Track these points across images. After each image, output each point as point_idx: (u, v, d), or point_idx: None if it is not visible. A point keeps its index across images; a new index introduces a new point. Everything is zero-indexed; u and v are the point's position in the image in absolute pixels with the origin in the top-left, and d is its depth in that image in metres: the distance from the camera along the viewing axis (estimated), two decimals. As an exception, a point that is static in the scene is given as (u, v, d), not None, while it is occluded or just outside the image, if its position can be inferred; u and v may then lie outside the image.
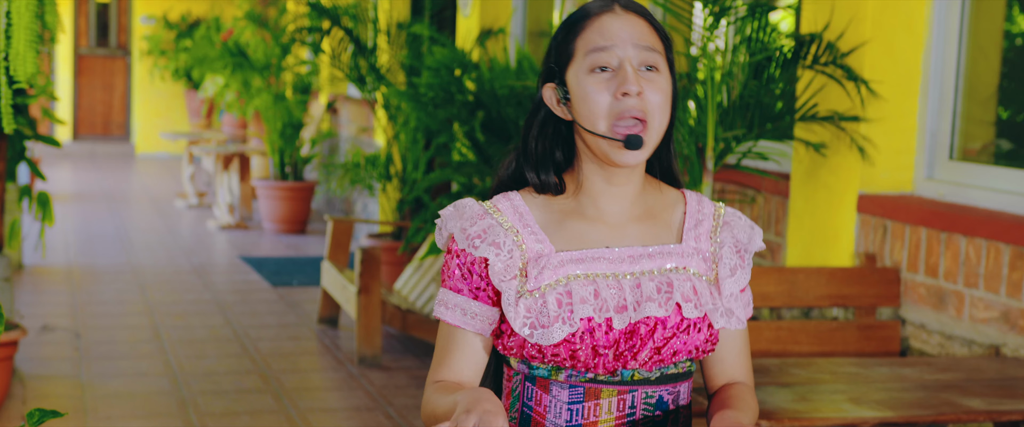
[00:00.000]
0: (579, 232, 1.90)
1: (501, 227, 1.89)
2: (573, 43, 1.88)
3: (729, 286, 1.92)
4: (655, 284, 1.86)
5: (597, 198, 1.91)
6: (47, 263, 8.25)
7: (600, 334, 1.83)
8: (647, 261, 1.89)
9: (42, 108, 5.83)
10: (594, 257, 1.88)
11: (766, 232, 4.71)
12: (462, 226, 1.90)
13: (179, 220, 10.62)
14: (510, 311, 1.84)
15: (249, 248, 9.26)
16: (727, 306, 1.92)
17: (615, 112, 1.84)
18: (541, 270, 1.86)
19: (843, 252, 4.19)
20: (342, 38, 7.46)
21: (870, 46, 4.11)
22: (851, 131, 4.15)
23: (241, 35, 10.62)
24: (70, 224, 10.05)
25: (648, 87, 1.84)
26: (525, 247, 1.88)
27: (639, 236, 1.91)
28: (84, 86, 16.24)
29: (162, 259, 8.70)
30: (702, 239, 1.93)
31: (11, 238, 5.73)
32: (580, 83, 1.86)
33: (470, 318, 1.91)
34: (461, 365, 1.92)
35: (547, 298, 1.84)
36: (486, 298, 1.90)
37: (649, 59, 1.86)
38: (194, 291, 7.59)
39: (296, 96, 10.14)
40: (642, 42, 1.86)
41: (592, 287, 1.85)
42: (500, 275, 1.86)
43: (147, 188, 12.93)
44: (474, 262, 1.89)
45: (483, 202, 1.93)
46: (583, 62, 1.86)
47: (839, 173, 4.23)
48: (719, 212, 1.97)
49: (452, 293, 1.92)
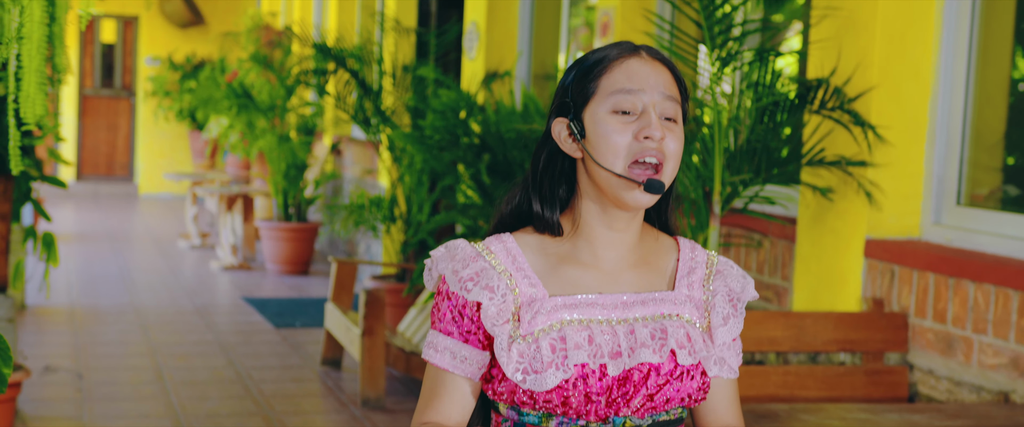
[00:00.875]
0: (573, 278, 1.88)
1: (494, 270, 1.86)
2: (596, 82, 1.87)
3: (722, 335, 1.91)
4: (649, 330, 1.85)
5: (594, 243, 1.90)
6: (50, 304, 8.24)
7: (594, 380, 1.81)
8: (640, 307, 1.87)
9: (48, 149, 5.84)
10: (588, 303, 1.86)
11: (772, 276, 4.70)
12: (454, 268, 1.88)
13: (182, 261, 10.61)
14: (503, 356, 1.82)
15: (252, 289, 9.24)
16: (720, 354, 1.92)
17: (633, 153, 1.83)
18: (535, 315, 1.83)
19: (850, 297, 4.18)
20: (347, 80, 7.48)
21: (877, 91, 4.12)
22: (858, 176, 4.15)
23: (246, 76, 10.66)
24: (73, 264, 10.04)
25: (668, 135, 1.85)
26: (518, 291, 1.86)
27: (632, 282, 1.90)
28: (88, 126, 16.28)
29: (165, 300, 8.68)
30: (695, 287, 1.93)
31: (15, 279, 5.72)
32: (599, 122, 1.85)
33: (460, 362, 1.88)
34: (449, 409, 1.89)
35: (541, 343, 1.81)
36: (477, 342, 1.87)
37: (670, 110, 1.86)
38: (197, 332, 7.57)
39: (300, 137, 10.16)
40: (667, 91, 1.86)
41: (586, 333, 1.83)
42: (493, 319, 1.84)
43: (150, 228, 12.93)
44: (466, 305, 1.87)
45: (475, 244, 1.91)
46: (606, 102, 1.85)
47: (846, 218, 4.23)
48: (712, 260, 1.97)
49: (442, 336, 1.89)
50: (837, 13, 4.25)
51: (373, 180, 9.61)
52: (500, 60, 7.35)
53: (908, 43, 4.12)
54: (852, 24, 4.20)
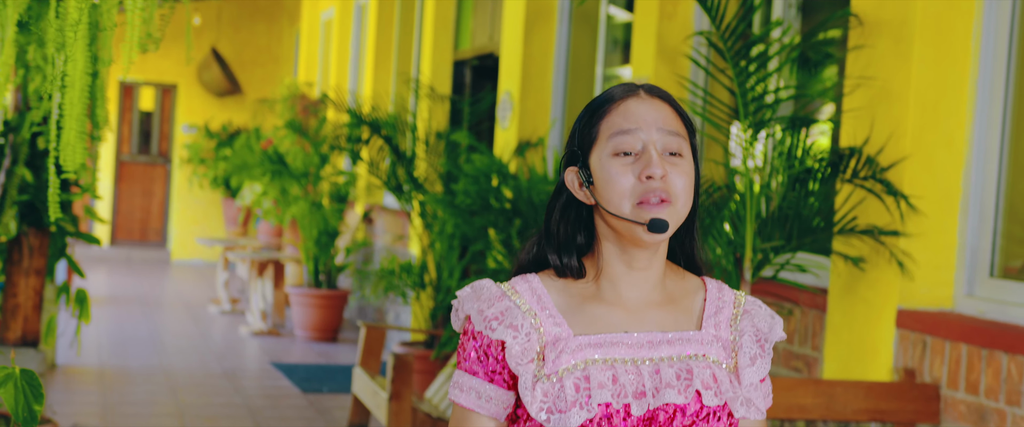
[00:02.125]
0: (598, 316, 1.88)
1: (519, 309, 1.87)
2: (597, 126, 1.89)
3: (749, 375, 1.90)
4: (674, 371, 1.84)
5: (617, 282, 1.90)
6: (80, 363, 8.27)
7: (618, 420, 1.81)
8: (666, 347, 1.87)
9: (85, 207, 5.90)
10: (612, 341, 1.86)
11: (802, 346, 4.67)
12: (479, 308, 1.89)
13: (212, 325, 10.64)
14: (527, 395, 1.82)
15: (281, 354, 9.25)
16: (747, 395, 1.90)
17: (638, 193, 1.84)
18: (559, 354, 1.84)
19: (882, 367, 4.15)
20: (381, 147, 7.54)
21: (910, 161, 4.12)
22: (890, 246, 4.14)
23: (281, 143, 10.75)
24: (104, 326, 10.08)
25: (672, 171, 1.85)
26: (543, 330, 1.86)
27: (658, 322, 1.89)
28: (124, 192, 16.43)
29: (194, 363, 8.70)
30: (722, 327, 1.92)
31: (47, 334, 5.76)
32: (603, 166, 1.86)
33: (485, 401, 1.88)
34: None
35: (565, 382, 1.81)
36: (502, 381, 1.88)
37: (673, 144, 1.86)
38: (224, 395, 7.58)
39: (333, 205, 10.22)
40: (666, 127, 1.87)
41: (610, 372, 1.83)
42: (517, 358, 1.84)
43: (181, 293, 12.99)
44: (491, 344, 1.87)
45: (501, 284, 1.91)
46: (607, 145, 1.87)
47: (878, 288, 4.21)
48: (739, 300, 1.97)
49: (467, 375, 1.89)
50: (871, 83, 4.26)
51: (404, 248, 9.64)
52: (533, 129, 7.40)
53: (942, 113, 4.13)
54: (886, 94, 4.21)
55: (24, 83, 5.01)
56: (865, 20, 4.32)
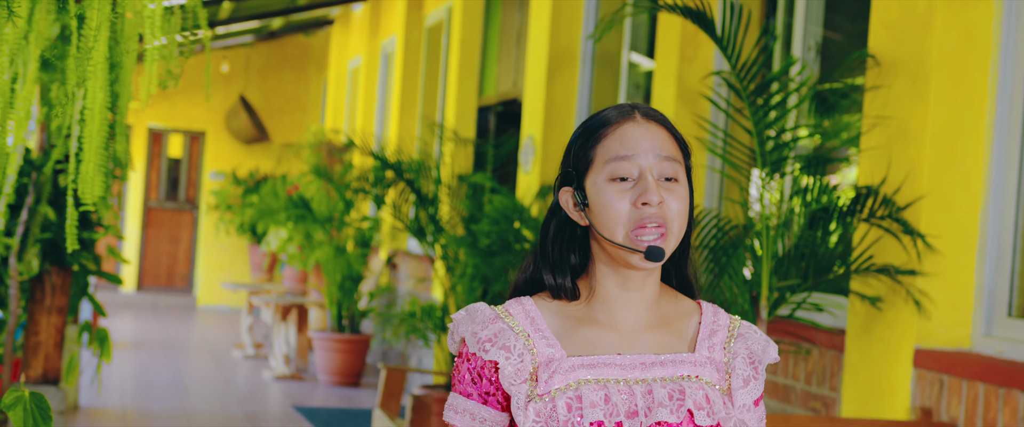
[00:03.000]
0: (591, 339, 1.88)
1: (512, 331, 1.87)
2: (593, 150, 1.89)
3: (742, 397, 1.90)
4: (667, 391, 1.84)
5: (611, 304, 1.90)
6: (103, 405, 8.29)
7: None
8: (659, 368, 1.87)
9: (108, 247, 5.94)
10: (605, 363, 1.86)
11: (820, 387, 4.65)
12: (473, 330, 1.89)
13: (235, 369, 10.66)
14: (519, 415, 1.83)
15: (303, 398, 9.25)
16: (740, 417, 1.90)
17: (634, 220, 1.84)
18: (552, 374, 1.84)
19: (899, 407, 4.12)
20: (403, 190, 7.57)
21: (927, 201, 4.12)
22: (907, 285, 4.12)
23: (306, 189, 10.82)
24: (128, 369, 10.12)
25: (668, 197, 1.85)
26: (536, 351, 1.86)
27: (652, 344, 1.90)
28: (151, 238, 16.53)
29: (215, 406, 8.71)
30: (716, 349, 1.92)
31: (68, 373, 5.78)
32: (599, 191, 1.87)
33: (478, 423, 1.88)
34: None
35: (557, 402, 1.82)
36: (495, 403, 1.88)
37: (669, 170, 1.87)
38: (245, 437, 7.58)
39: (357, 250, 10.25)
40: (663, 152, 1.87)
41: (603, 392, 1.83)
42: (510, 379, 1.84)
43: (206, 338, 13.03)
44: (484, 366, 1.88)
45: (495, 307, 1.92)
46: (603, 170, 1.87)
47: (895, 328, 4.19)
48: (734, 324, 1.96)
49: (462, 398, 1.90)
50: (888, 122, 4.27)
51: (427, 292, 9.65)
52: (555, 173, 7.41)
53: (958, 152, 4.12)
54: (902, 133, 4.21)
55: (47, 121, 5.07)
56: (882, 60, 4.33)
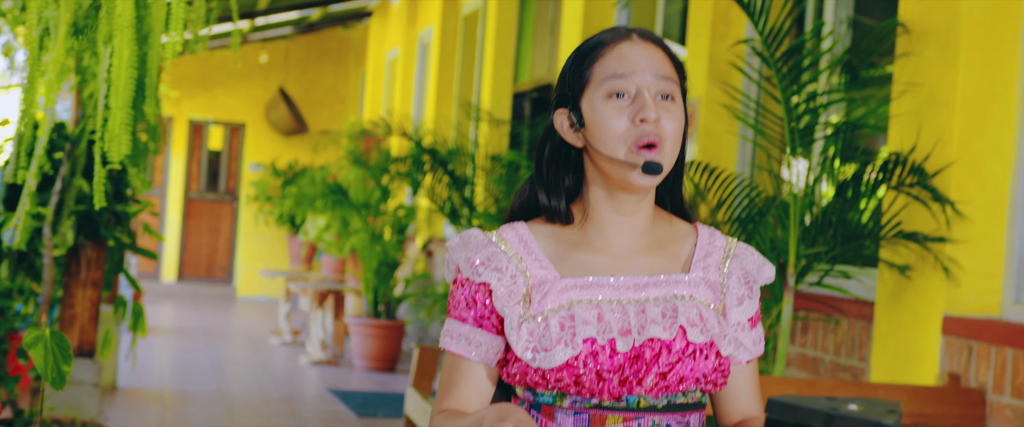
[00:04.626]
0: (585, 262, 1.89)
1: (505, 254, 1.88)
2: (590, 70, 1.89)
3: (735, 315, 1.90)
4: (660, 309, 1.84)
5: (604, 228, 1.90)
6: (142, 386, 8.37)
7: (604, 358, 1.81)
8: (652, 289, 1.87)
9: (143, 224, 5.99)
10: (599, 283, 1.86)
11: (849, 357, 4.62)
12: (467, 255, 1.90)
13: (272, 355, 10.73)
14: (512, 335, 1.83)
15: (338, 382, 9.29)
16: (734, 335, 1.90)
17: (632, 137, 1.84)
18: (545, 295, 1.84)
19: (928, 374, 4.09)
20: (438, 173, 7.60)
21: (956, 167, 4.09)
22: (936, 252, 4.09)
23: (344, 177, 10.87)
24: (167, 355, 10.21)
25: (665, 115, 1.85)
26: (529, 274, 1.87)
27: (646, 266, 1.89)
28: (192, 229, 16.66)
29: (252, 389, 8.77)
30: (710, 270, 1.92)
31: (104, 347, 5.84)
32: (596, 109, 1.87)
33: (475, 347, 1.89)
34: (467, 395, 1.89)
35: (550, 321, 1.82)
36: (490, 327, 1.88)
37: (666, 88, 1.87)
38: (280, 418, 7.63)
39: (393, 237, 10.29)
40: (660, 71, 1.87)
41: (595, 311, 1.83)
42: (503, 300, 1.85)
43: (244, 326, 13.11)
44: (478, 290, 1.88)
45: (488, 232, 1.93)
46: (600, 88, 1.87)
47: (924, 295, 4.16)
48: (731, 245, 1.96)
49: (457, 323, 1.90)
50: (918, 89, 4.24)
51: (462, 278, 9.66)
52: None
53: (988, 118, 4.09)
54: (932, 100, 4.19)
55: (81, 92, 5.13)
56: (912, 28, 4.31)
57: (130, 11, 3.35)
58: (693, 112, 6.04)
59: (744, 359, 1.93)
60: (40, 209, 4.84)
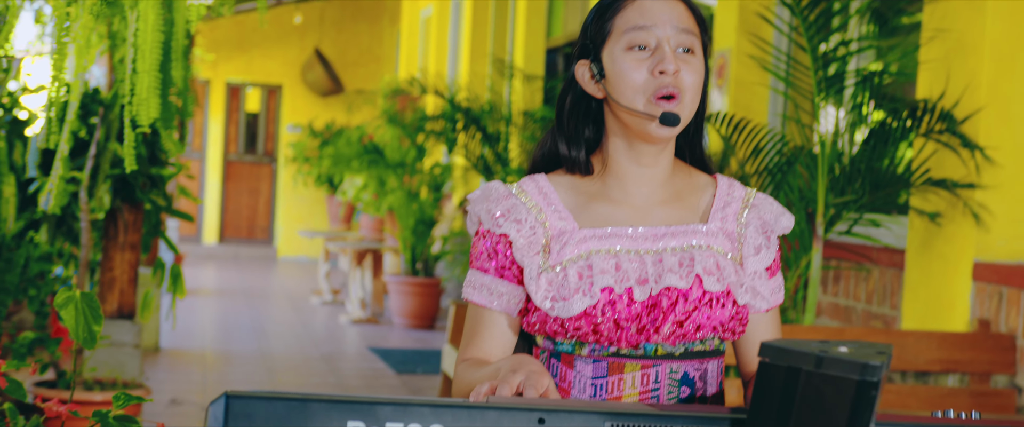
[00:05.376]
0: (604, 213, 1.91)
1: (524, 206, 1.91)
2: (611, 21, 1.91)
3: (752, 263, 1.92)
4: (677, 258, 1.86)
5: (624, 179, 1.92)
6: (184, 347, 8.48)
7: (622, 306, 1.83)
8: (670, 239, 1.89)
9: (179, 186, 6.06)
10: (617, 234, 1.88)
11: (881, 306, 4.62)
12: (488, 207, 1.93)
13: (313, 315, 10.83)
14: (532, 285, 1.86)
15: (378, 340, 9.38)
16: (751, 284, 1.91)
17: (652, 88, 1.86)
18: (563, 245, 1.87)
19: (958, 321, 4.09)
20: (472, 129, 7.62)
21: (985, 113, 4.07)
22: (966, 198, 4.08)
23: (380, 136, 10.91)
24: (209, 316, 10.33)
25: (684, 67, 1.87)
26: (548, 225, 1.89)
27: (664, 218, 1.92)
28: (231, 191, 16.78)
29: (293, 348, 8.87)
30: (729, 220, 1.94)
31: (143, 309, 5.92)
32: (616, 61, 1.89)
33: (496, 297, 1.92)
34: (490, 344, 1.93)
35: (568, 271, 1.84)
36: (511, 277, 1.91)
37: (686, 41, 1.89)
38: (320, 375, 7.71)
39: (429, 195, 10.33)
40: (681, 24, 1.89)
41: (613, 260, 1.85)
42: (523, 251, 1.88)
43: (285, 287, 13.23)
44: (498, 241, 1.91)
45: (509, 184, 1.95)
46: (621, 40, 1.89)
47: (954, 242, 4.16)
48: (750, 195, 1.98)
49: (479, 273, 1.93)
50: (946, 35, 4.21)
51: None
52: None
53: (1017, 63, 4.06)
54: (961, 46, 4.16)
55: (111, 54, 5.18)
56: (939, -27, 4.27)
57: (154, -26, 3.38)
58: (723, 64, 6.02)
59: (762, 308, 1.94)
60: (75, 173, 4.90)
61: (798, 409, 1.20)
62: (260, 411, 1.30)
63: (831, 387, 1.17)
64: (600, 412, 1.36)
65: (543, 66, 9.55)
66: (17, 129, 6.07)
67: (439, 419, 1.32)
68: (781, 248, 4.22)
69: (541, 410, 1.35)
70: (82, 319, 2.43)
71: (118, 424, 2.26)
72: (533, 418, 1.33)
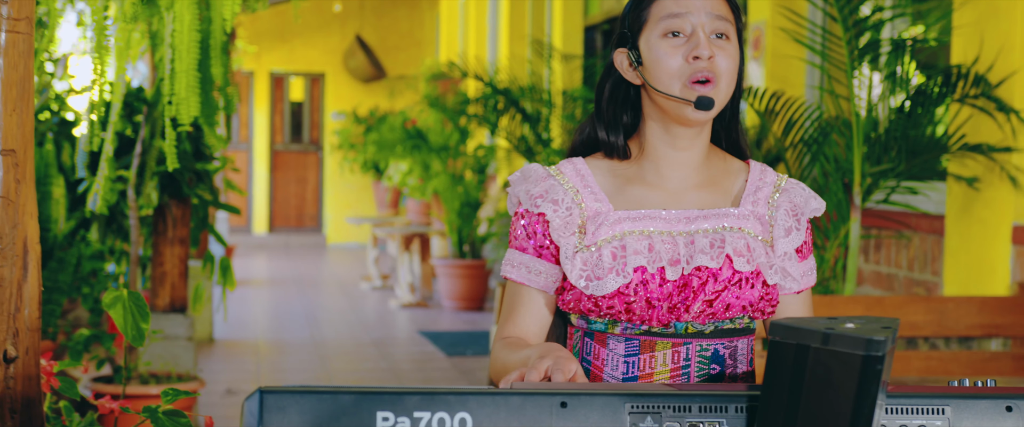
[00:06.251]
0: (639, 196, 1.97)
1: (561, 186, 1.97)
2: (648, 9, 1.97)
3: (782, 245, 1.97)
4: (708, 240, 1.92)
5: (659, 163, 1.98)
6: (237, 337, 8.61)
7: (654, 286, 1.89)
8: (702, 221, 1.95)
9: (225, 180, 6.14)
10: (651, 216, 1.94)
11: (922, 272, 4.63)
12: (527, 188, 1.99)
13: (363, 300, 10.93)
14: (567, 264, 1.92)
15: (428, 324, 9.46)
16: (781, 265, 1.96)
17: (687, 74, 1.91)
18: (598, 226, 1.93)
19: (1000, 285, 4.10)
20: (512, 110, 7.66)
21: (1020, 75, 4.06)
22: (1003, 162, 4.08)
23: (423, 121, 10.97)
24: (261, 306, 10.45)
25: (719, 53, 1.92)
26: (584, 206, 1.96)
27: (697, 201, 1.97)
28: (279, 180, 16.93)
29: (344, 334, 8.97)
30: (760, 204, 1.99)
31: (195, 302, 6.02)
32: (653, 47, 1.94)
33: (534, 275, 1.98)
34: (527, 321, 1.99)
35: (603, 251, 1.90)
36: (549, 256, 1.98)
37: (720, 27, 1.94)
38: (372, 361, 7.81)
39: (474, 177, 10.39)
40: (715, 11, 1.94)
41: (647, 241, 1.91)
42: (559, 231, 1.94)
43: (335, 274, 13.35)
44: (537, 220, 1.98)
45: (548, 167, 2.01)
46: (657, 27, 1.94)
47: (993, 206, 4.16)
48: (781, 180, 2.03)
49: (517, 252, 2.00)
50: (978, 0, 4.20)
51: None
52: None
53: (1050, 25, 4.05)
54: (993, 9, 4.15)
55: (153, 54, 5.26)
56: (969, -63, 4.26)
57: (188, -24, 3.44)
58: (759, 36, 6.02)
59: (793, 288, 2.00)
60: (122, 172, 5.00)
61: (808, 385, 1.25)
62: (293, 405, 1.36)
63: (838, 362, 1.21)
64: (621, 394, 1.40)
65: (581, 45, 9.57)
66: (65, 130, 6.19)
67: (465, 407, 1.37)
68: (814, 229, 4.24)
69: (563, 394, 1.40)
70: (130, 317, 2.50)
71: (167, 419, 2.33)
72: (556, 402, 1.38)
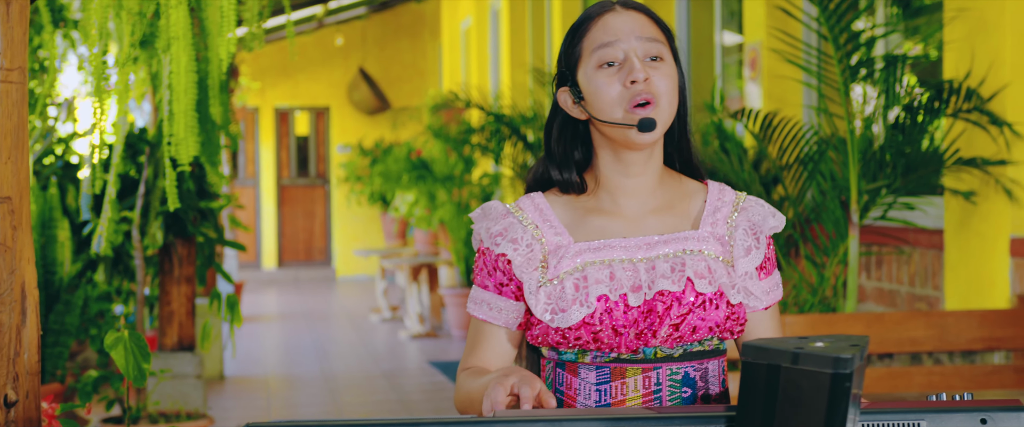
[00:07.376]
0: (598, 226, 1.99)
1: (521, 224, 1.99)
2: (580, 44, 1.98)
3: (743, 264, 1.98)
4: (669, 264, 1.94)
5: (615, 192, 2.00)
6: (248, 373, 8.63)
7: (618, 313, 1.91)
8: (662, 246, 1.96)
9: (230, 217, 6.19)
10: (610, 246, 1.96)
11: (923, 287, 4.65)
12: (487, 226, 2.02)
13: (373, 332, 10.96)
14: (532, 299, 1.94)
15: (438, 354, 9.48)
16: (743, 284, 1.98)
17: (626, 99, 1.93)
18: (560, 259, 1.95)
19: (1000, 298, 4.11)
20: (514, 138, 7.70)
21: (1011, 89, 4.09)
22: (998, 175, 4.10)
23: (428, 151, 11.02)
24: (271, 341, 10.48)
25: (654, 74, 1.94)
26: (545, 241, 1.98)
27: (656, 227, 1.99)
28: (287, 215, 16.99)
29: (354, 367, 8.99)
30: (719, 225, 2.00)
31: (203, 339, 6.05)
32: (590, 80, 1.96)
33: (496, 312, 2.01)
34: (489, 356, 2.02)
35: (565, 284, 1.93)
36: (510, 293, 2.00)
37: (653, 50, 1.95)
38: (382, 393, 7.82)
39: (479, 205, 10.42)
40: (644, 34, 1.96)
41: (608, 270, 1.93)
42: (521, 268, 1.96)
43: (345, 307, 13.38)
44: (497, 259, 2.00)
45: (508, 204, 2.04)
46: (591, 60, 1.96)
47: (990, 219, 4.18)
48: (739, 199, 2.04)
49: (480, 290, 2.03)
50: (967, 14, 4.24)
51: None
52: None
53: (1039, 38, 4.08)
54: (982, 24, 4.18)
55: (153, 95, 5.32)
56: (957, -46, 4.30)
57: (184, 19, 3.50)
58: (755, 57, 6.06)
59: (759, 307, 2.01)
60: (126, 213, 5.04)
61: (781, 404, 1.27)
62: (281, 439, 1.39)
63: (808, 381, 1.24)
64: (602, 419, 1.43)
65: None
66: (70, 173, 6.24)
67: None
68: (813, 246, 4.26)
69: (546, 421, 1.42)
70: (131, 357, 2.54)
71: (170, 456, 2.36)
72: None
